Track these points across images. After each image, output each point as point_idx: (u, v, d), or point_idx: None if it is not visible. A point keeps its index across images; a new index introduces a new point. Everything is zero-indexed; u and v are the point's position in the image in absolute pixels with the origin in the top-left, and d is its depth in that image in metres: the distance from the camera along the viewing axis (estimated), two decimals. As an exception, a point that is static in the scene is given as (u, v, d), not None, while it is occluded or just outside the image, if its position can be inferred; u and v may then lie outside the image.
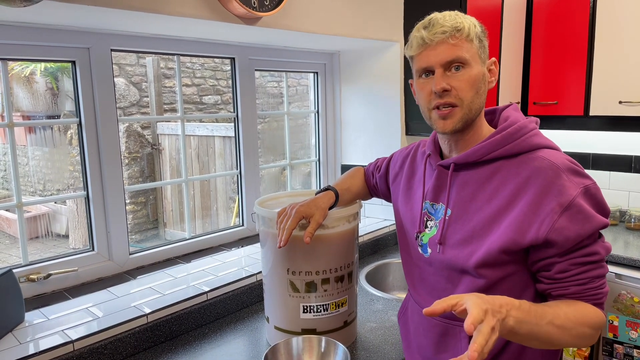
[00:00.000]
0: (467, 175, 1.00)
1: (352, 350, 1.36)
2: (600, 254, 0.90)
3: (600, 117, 2.37)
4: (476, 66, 0.95)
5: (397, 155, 1.29)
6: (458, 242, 0.98)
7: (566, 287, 0.90)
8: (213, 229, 2.08)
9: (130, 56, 5.49)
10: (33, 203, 4.52)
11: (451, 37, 0.93)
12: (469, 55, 0.94)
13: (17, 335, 1.27)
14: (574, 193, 0.87)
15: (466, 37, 0.94)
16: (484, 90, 0.98)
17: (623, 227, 2.51)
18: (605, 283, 0.92)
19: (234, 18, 1.52)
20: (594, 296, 0.90)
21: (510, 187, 0.93)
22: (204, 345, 1.40)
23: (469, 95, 0.95)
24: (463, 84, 0.94)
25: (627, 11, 2.22)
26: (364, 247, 2.16)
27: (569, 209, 0.87)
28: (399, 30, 2.20)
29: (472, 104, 0.96)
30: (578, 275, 0.89)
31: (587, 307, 0.89)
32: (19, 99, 5.42)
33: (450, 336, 1.03)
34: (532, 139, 0.96)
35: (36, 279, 1.49)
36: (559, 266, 0.90)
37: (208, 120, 5.51)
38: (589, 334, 0.88)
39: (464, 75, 0.94)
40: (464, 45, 0.94)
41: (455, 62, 0.94)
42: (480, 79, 0.96)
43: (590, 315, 0.88)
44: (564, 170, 0.90)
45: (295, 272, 1.26)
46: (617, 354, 2.15)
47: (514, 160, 0.95)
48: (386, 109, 2.31)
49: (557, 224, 0.87)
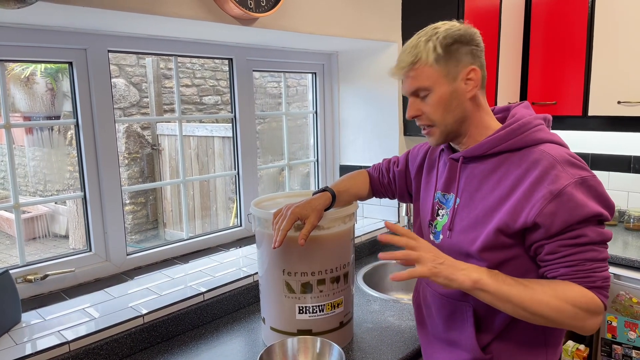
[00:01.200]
0: (474, 168, 1.07)
1: (348, 351, 1.36)
2: (589, 237, 0.92)
3: (599, 117, 2.37)
4: (441, 88, 1.02)
5: (416, 150, 1.36)
6: (464, 228, 1.06)
7: (556, 269, 0.95)
8: (212, 230, 2.08)
9: (130, 57, 5.50)
10: (30, 204, 4.53)
11: (410, 71, 1.03)
12: (430, 82, 1.02)
13: (14, 335, 1.27)
14: (565, 182, 0.92)
15: (424, 65, 1.01)
16: (457, 104, 1.04)
17: (622, 228, 2.50)
18: (603, 268, 0.94)
19: (230, 19, 1.52)
20: (585, 278, 0.93)
21: (511, 178, 0.99)
22: (201, 346, 1.40)
23: (438, 116, 1.04)
24: (430, 108, 1.04)
25: (625, 11, 2.21)
26: (361, 247, 2.16)
27: (559, 197, 0.91)
28: (397, 30, 2.20)
29: (445, 121, 1.04)
30: (567, 257, 0.93)
31: (572, 285, 0.93)
32: (18, 100, 5.43)
33: (458, 314, 1.10)
34: (536, 134, 1.01)
35: (33, 279, 1.49)
36: (548, 247, 0.95)
37: (208, 121, 5.52)
38: (572, 312, 0.91)
39: (429, 100, 1.03)
40: (422, 74, 1.02)
41: (417, 91, 1.04)
42: (448, 98, 1.03)
43: (572, 292, 0.92)
44: (560, 162, 0.95)
45: (290, 272, 1.26)
46: (616, 354, 2.14)
47: (517, 153, 1.01)
48: (384, 109, 2.31)
49: (546, 209, 0.92)
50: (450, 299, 1.11)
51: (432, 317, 1.19)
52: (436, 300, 1.16)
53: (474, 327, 1.07)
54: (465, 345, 1.09)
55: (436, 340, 1.19)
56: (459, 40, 1.02)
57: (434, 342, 1.20)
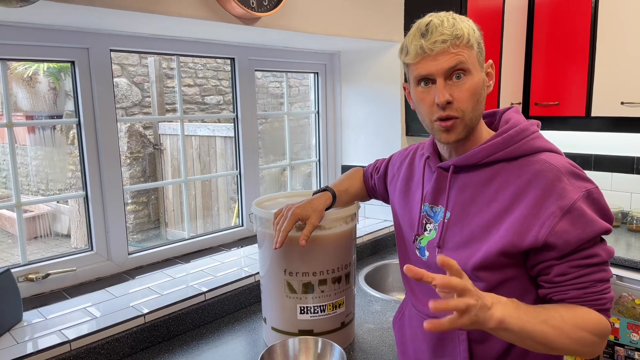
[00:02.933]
0: (466, 178, 0.98)
1: (350, 351, 1.35)
2: (601, 256, 0.87)
3: (602, 118, 2.36)
4: (477, 73, 0.93)
5: (395, 156, 1.28)
6: (457, 245, 0.96)
7: (566, 291, 0.88)
8: (214, 229, 2.08)
9: (133, 56, 5.50)
10: (32, 203, 4.53)
11: (452, 46, 0.90)
12: (470, 62, 0.91)
13: (15, 334, 1.27)
14: (575, 197, 0.85)
15: (466, 43, 0.91)
16: (483, 96, 0.96)
17: (625, 229, 2.49)
18: (610, 288, 0.89)
19: (232, 18, 1.52)
20: (596, 301, 0.87)
21: (510, 190, 0.91)
22: (202, 346, 1.40)
23: (470, 105, 0.93)
24: (464, 93, 0.92)
25: (628, 11, 2.21)
26: (363, 247, 2.15)
27: (570, 213, 0.85)
28: (399, 30, 2.20)
29: (473, 114, 0.94)
30: (578, 278, 0.87)
31: (588, 311, 0.86)
32: (21, 99, 5.44)
33: (448, 340, 1.01)
34: (534, 142, 0.94)
35: (35, 278, 1.49)
36: (558, 269, 0.87)
37: (210, 121, 5.52)
38: (590, 340, 0.84)
39: (465, 84, 0.92)
40: (464, 52, 0.90)
41: (457, 70, 0.91)
42: (481, 86, 0.94)
43: (590, 320, 0.84)
44: (565, 174, 0.88)
45: (292, 273, 1.26)
46: (618, 356, 2.13)
47: (514, 163, 0.93)
48: (386, 109, 2.30)
49: (557, 227, 0.84)
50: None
51: (417, 341, 1.09)
52: (422, 325, 1.04)
53: (468, 354, 0.98)
54: None
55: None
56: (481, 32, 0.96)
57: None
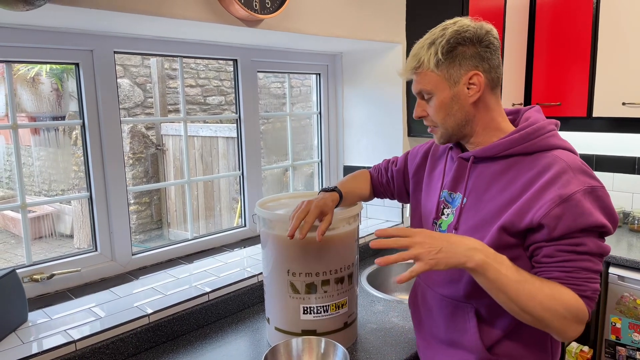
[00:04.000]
0: (484, 168, 1.07)
1: (353, 351, 1.36)
2: (588, 247, 0.93)
3: (604, 118, 2.36)
4: (441, 93, 1.04)
5: (415, 150, 1.37)
6: (470, 228, 1.06)
7: (550, 271, 0.95)
8: (216, 230, 2.09)
9: (135, 57, 5.52)
10: (37, 204, 4.56)
11: (414, 74, 1.07)
12: (431, 85, 1.05)
13: (20, 335, 1.28)
14: (575, 189, 0.92)
15: (426, 69, 1.04)
16: (458, 108, 1.05)
17: (627, 229, 2.50)
18: (595, 279, 0.95)
19: (235, 20, 1.53)
20: (577, 286, 0.93)
21: (522, 181, 1.00)
22: (205, 346, 1.41)
23: (439, 118, 1.07)
24: (432, 110, 1.07)
25: (630, 12, 2.21)
26: (365, 248, 2.16)
27: (567, 202, 0.92)
28: (401, 31, 2.20)
29: (446, 124, 1.07)
30: (563, 262, 0.94)
31: (566, 290, 0.93)
32: (25, 101, 5.46)
33: (460, 315, 1.10)
34: (550, 139, 1.02)
35: (39, 279, 1.50)
36: (546, 250, 0.95)
37: (212, 121, 5.53)
38: (559, 313, 0.91)
39: (432, 103, 1.07)
40: (425, 77, 1.05)
41: (421, 93, 1.08)
42: (449, 102, 1.05)
43: (566, 296, 0.92)
44: (573, 169, 0.95)
45: (295, 273, 1.27)
46: (620, 356, 2.14)
47: (529, 157, 1.01)
48: (388, 110, 2.31)
49: (552, 212, 0.92)
50: (451, 300, 1.11)
51: (432, 318, 1.18)
52: (437, 301, 1.15)
53: (477, 327, 1.07)
54: (470, 347, 1.09)
55: (436, 341, 1.18)
56: (463, 43, 1.01)
57: (433, 344, 1.19)
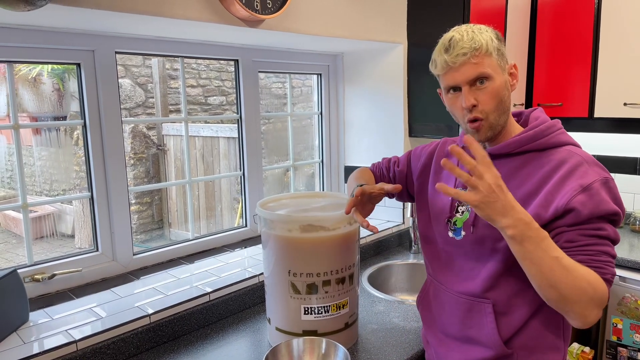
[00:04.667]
0: (499, 165, 1.08)
1: (353, 352, 1.36)
2: (608, 232, 0.97)
3: (605, 118, 2.36)
4: (498, 77, 1.06)
5: (418, 150, 1.37)
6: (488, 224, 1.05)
7: (574, 255, 0.96)
8: (217, 230, 2.09)
9: (136, 57, 5.52)
10: (38, 204, 4.56)
11: (472, 57, 1.04)
12: (491, 69, 1.05)
13: (22, 334, 1.29)
14: (593, 179, 0.98)
15: (485, 52, 1.04)
16: (507, 96, 1.08)
17: (628, 230, 2.50)
18: (612, 264, 0.98)
19: (236, 21, 1.53)
20: (599, 268, 0.95)
21: (539, 175, 1.04)
22: (206, 346, 1.41)
23: (493, 106, 1.06)
24: (487, 96, 1.05)
25: (632, 12, 2.20)
26: (366, 248, 2.16)
27: (588, 190, 0.97)
28: (403, 31, 2.20)
29: (497, 112, 1.07)
30: (585, 246, 0.96)
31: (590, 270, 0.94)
32: (26, 101, 5.47)
33: (475, 312, 1.12)
34: (561, 136, 1.09)
35: (41, 279, 1.50)
36: (567, 235, 0.98)
37: (213, 121, 5.53)
38: (590, 295, 0.92)
39: (487, 88, 1.05)
40: (484, 61, 1.04)
41: (479, 78, 1.05)
42: (504, 87, 1.07)
43: (593, 275, 0.93)
44: (588, 162, 1.02)
45: (296, 273, 1.27)
46: (621, 357, 2.14)
47: (543, 153, 1.07)
48: (390, 110, 2.31)
49: (576, 199, 0.96)
50: (467, 297, 1.13)
51: (446, 315, 1.20)
52: (451, 299, 1.17)
53: (495, 323, 1.09)
54: (487, 342, 1.10)
55: (449, 339, 1.20)
56: (499, 37, 1.09)
57: (446, 341, 1.21)
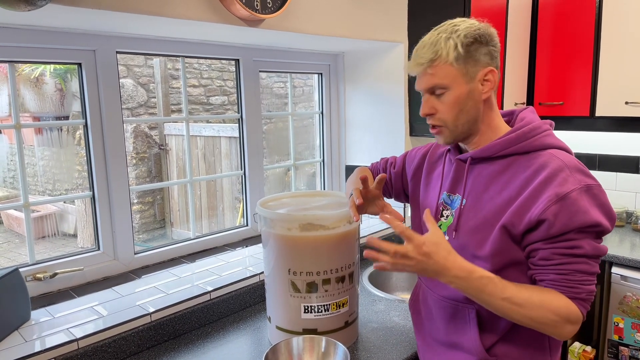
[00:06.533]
0: (482, 169, 1.07)
1: (353, 350, 1.36)
2: (585, 249, 0.93)
3: (606, 117, 2.35)
4: (458, 87, 1.01)
5: (413, 152, 1.35)
6: (470, 229, 1.05)
7: (546, 274, 0.96)
8: (219, 229, 2.09)
9: (138, 57, 5.54)
10: (40, 203, 4.57)
11: (428, 67, 1.01)
12: (448, 80, 1.01)
13: (23, 333, 1.29)
14: (572, 187, 0.93)
15: (444, 62, 1.00)
16: (472, 105, 1.03)
17: (630, 229, 2.49)
18: (591, 281, 0.96)
19: (237, 20, 1.54)
20: (571, 288, 0.94)
21: (519, 180, 1.00)
22: (207, 345, 1.41)
23: (452, 115, 1.03)
24: (445, 106, 1.03)
25: (633, 11, 2.20)
26: (366, 247, 2.16)
27: (563, 200, 0.92)
28: (403, 31, 2.20)
29: (457, 122, 1.04)
30: (559, 265, 0.94)
31: (556, 295, 0.95)
32: (28, 100, 5.48)
33: (460, 317, 1.10)
34: (545, 139, 1.03)
35: (42, 277, 1.51)
36: (542, 253, 0.96)
37: (214, 121, 5.54)
38: (553, 320, 0.93)
39: (445, 99, 1.03)
40: (441, 71, 1.01)
41: (434, 88, 1.03)
42: (464, 98, 1.02)
43: (557, 302, 0.94)
44: (569, 167, 0.96)
45: (296, 272, 1.27)
46: (623, 356, 2.13)
47: (526, 156, 1.02)
48: (390, 109, 2.31)
49: (549, 210, 0.92)
50: (452, 302, 1.11)
51: (432, 319, 1.18)
52: (437, 303, 1.15)
53: (478, 328, 1.07)
54: (469, 348, 1.09)
55: (436, 343, 1.18)
56: (478, 40, 1.01)
57: (433, 345, 1.19)
